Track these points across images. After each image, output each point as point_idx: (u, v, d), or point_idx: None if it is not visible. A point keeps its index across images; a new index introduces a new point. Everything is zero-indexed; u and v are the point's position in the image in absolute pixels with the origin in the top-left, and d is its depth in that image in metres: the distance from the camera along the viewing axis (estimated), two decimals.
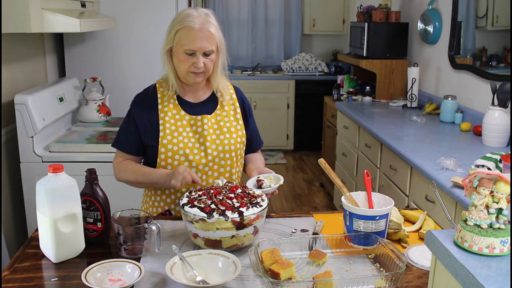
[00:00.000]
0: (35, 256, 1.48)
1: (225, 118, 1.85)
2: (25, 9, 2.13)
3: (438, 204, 2.25)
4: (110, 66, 3.24)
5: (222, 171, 1.83)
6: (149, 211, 1.88)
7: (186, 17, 1.72)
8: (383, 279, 1.29)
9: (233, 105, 1.89)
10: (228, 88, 1.90)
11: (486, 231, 1.02)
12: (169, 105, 1.82)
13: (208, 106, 1.85)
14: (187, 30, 1.70)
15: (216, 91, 1.87)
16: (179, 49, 1.72)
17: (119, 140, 1.86)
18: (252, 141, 1.95)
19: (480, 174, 1.05)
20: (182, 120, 1.80)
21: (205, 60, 1.73)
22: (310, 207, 4.49)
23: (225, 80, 1.90)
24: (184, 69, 1.75)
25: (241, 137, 1.85)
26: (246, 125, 1.90)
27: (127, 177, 1.81)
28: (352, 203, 1.56)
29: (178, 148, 1.76)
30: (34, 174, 2.43)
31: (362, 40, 4.16)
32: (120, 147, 1.84)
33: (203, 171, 1.80)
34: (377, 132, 3.04)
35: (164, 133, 1.78)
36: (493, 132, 2.65)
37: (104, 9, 3.14)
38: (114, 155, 1.87)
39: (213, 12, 1.79)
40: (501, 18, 2.96)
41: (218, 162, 1.81)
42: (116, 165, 1.84)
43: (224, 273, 1.34)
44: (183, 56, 1.72)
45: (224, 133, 1.82)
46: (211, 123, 1.82)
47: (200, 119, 1.80)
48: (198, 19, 1.71)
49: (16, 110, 2.40)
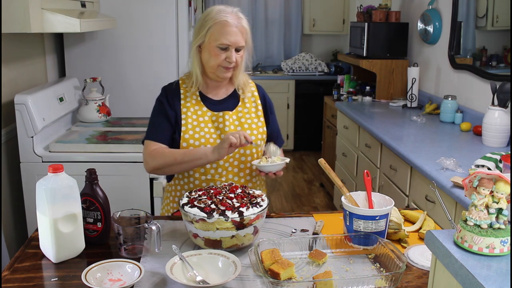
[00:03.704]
0: (35, 256, 1.48)
1: (246, 115, 1.87)
2: (25, 9, 2.13)
3: (438, 204, 2.25)
4: (110, 66, 3.24)
5: (242, 167, 1.84)
6: (171, 206, 1.89)
7: (219, 12, 1.75)
8: (383, 279, 1.29)
9: (255, 102, 1.91)
10: (250, 86, 1.93)
11: (486, 231, 1.02)
12: (192, 101, 1.84)
13: (230, 102, 1.87)
14: (221, 24, 1.73)
15: (238, 88, 1.89)
16: (212, 43, 1.74)
17: (153, 132, 1.82)
18: (273, 139, 1.95)
19: (480, 174, 1.05)
20: (204, 116, 1.82)
21: (236, 55, 1.77)
22: (310, 207, 4.49)
23: (247, 77, 1.92)
24: (215, 63, 1.76)
25: (261, 134, 1.87)
26: (267, 122, 1.91)
27: (164, 161, 1.75)
28: (352, 203, 1.56)
29: (200, 144, 1.78)
30: (34, 174, 2.43)
31: (362, 40, 4.16)
32: (157, 138, 1.80)
33: (223, 166, 1.81)
34: (377, 132, 3.04)
35: (186, 127, 1.79)
36: (493, 132, 2.65)
37: (104, 9, 3.14)
38: (144, 146, 1.83)
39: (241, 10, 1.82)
40: (501, 18, 2.96)
41: (238, 158, 1.82)
42: (150, 153, 1.78)
43: (224, 273, 1.34)
44: (215, 51, 1.74)
45: (245, 129, 1.83)
46: (232, 119, 1.83)
47: (222, 115, 1.82)
48: (231, 14, 1.75)
49: (16, 110, 2.40)
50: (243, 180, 1.85)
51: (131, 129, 2.81)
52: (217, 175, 1.81)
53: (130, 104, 3.28)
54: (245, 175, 1.85)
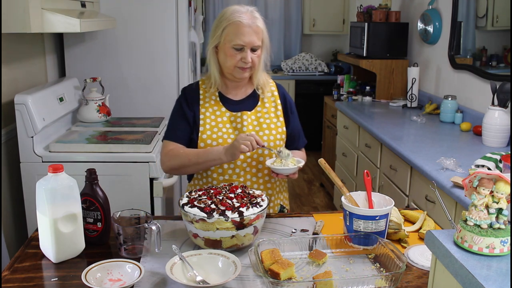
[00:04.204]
0: (35, 256, 1.48)
1: (265, 115, 1.86)
2: (25, 9, 2.13)
3: (438, 204, 2.25)
4: (110, 66, 3.24)
5: (260, 168, 1.83)
6: None
7: (234, 12, 1.75)
8: (383, 279, 1.29)
9: (274, 102, 1.90)
10: (270, 85, 1.92)
11: (486, 231, 1.02)
12: (211, 101, 1.84)
13: (249, 102, 1.87)
14: (236, 25, 1.72)
15: (258, 87, 1.88)
16: (227, 44, 1.74)
17: (173, 132, 1.84)
18: (294, 139, 1.95)
19: (480, 174, 1.05)
20: (222, 116, 1.82)
21: (252, 55, 1.76)
22: (310, 207, 4.49)
23: (267, 76, 1.91)
24: (231, 64, 1.76)
25: (281, 134, 1.86)
26: (287, 122, 1.90)
27: (179, 162, 1.78)
28: (352, 203, 1.56)
29: (217, 144, 1.78)
30: (34, 174, 2.42)
31: (362, 40, 4.16)
32: (175, 139, 1.82)
33: (241, 167, 1.81)
34: (377, 132, 3.04)
35: (204, 128, 1.80)
36: (493, 132, 2.64)
37: (104, 9, 3.14)
38: (162, 146, 1.86)
39: (257, 9, 1.82)
40: (501, 18, 2.96)
41: (257, 159, 1.81)
42: (167, 153, 1.81)
43: (224, 273, 1.34)
44: (231, 52, 1.74)
45: (263, 130, 1.83)
46: (251, 120, 1.83)
47: (240, 115, 1.82)
48: (246, 14, 1.74)
49: (16, 110, 2.40)
50: (261, 181, 1.84)
51: (131, 129, 2.81)
52: (234, 176, 1.81)
53: (130, 104, 3.28)
54: (263, 176, 1.84)
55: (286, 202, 2.00)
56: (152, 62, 3.24)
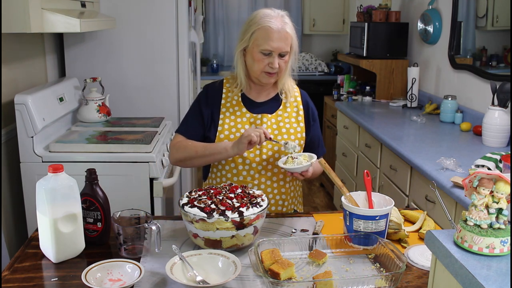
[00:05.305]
0: (35, 256, 1.48)
1: (286, 119, 1.84)
2: (25, 9, 2.13)
3: (438, 204, 2.25)
4: (110, 66, 3.24)
5: (276, 172, 1.82)
6: None
7: (264, 17, 1.72)
8: (383, 279, 1.29)
9: (296, 107, 1.88)
10: (294, 90, 1.90)
11: (486, 231, 1.02)
12: (232, 101, 1.84)
13: (271, 105, 1.86)
14: (265, 30, 1.71)
15: (281, 92, 1.87)
16: (255, 48, 1.73)
17: (185, 127, 1.86)
18: (314, 147, 1.92)
19: (480, 174, 1.05)
20: (242, 117, 1.82)
21: (280, 61, 1.74)
22: (310, 207, 4.49)
23: (292, 82, 1.90)
24: (258, 68, 1.75)
25: (299, 140, 1.84)
26: (307, 129, 1.88)
27: (186, 153, 1.79)
28: (352, 203, 1.56)
29: None
30: (34, 174, 2.42)
31: (362, 40, 4.16)
32: (186, 134, 1.84)
33: (256, 169, 1.80)
34: (377, 132, 3.04)
35: (222, 127, 1.80)
36: (493, 132, 2.65)
37: (104, 9, 3.14)
38: (172, 138, 1.87)
39: (288, 14, 1.79)
40: (501, 18, 2.96)
41: (273, 162, 1.80)
42: (175, 145, 1.82)
43: (224, 273, 1.34)
44: (258, 56, 1.73)
45: (282, 134, 1.81)
46: (271, 123, 1.82)
47: (260, 117, 1.81)
48: (276, 19, 1.72)
49: (16, 110, 2.40)
50: (275, 185, 1.83)
51: (131, 129, 2.80)
52: (249, 177, 1.80)
53: (130, 104, 3.28)
54: (278, 180, 1.83)
55: (300, 206, 2.01)
56: (152, 62, 3.24)
